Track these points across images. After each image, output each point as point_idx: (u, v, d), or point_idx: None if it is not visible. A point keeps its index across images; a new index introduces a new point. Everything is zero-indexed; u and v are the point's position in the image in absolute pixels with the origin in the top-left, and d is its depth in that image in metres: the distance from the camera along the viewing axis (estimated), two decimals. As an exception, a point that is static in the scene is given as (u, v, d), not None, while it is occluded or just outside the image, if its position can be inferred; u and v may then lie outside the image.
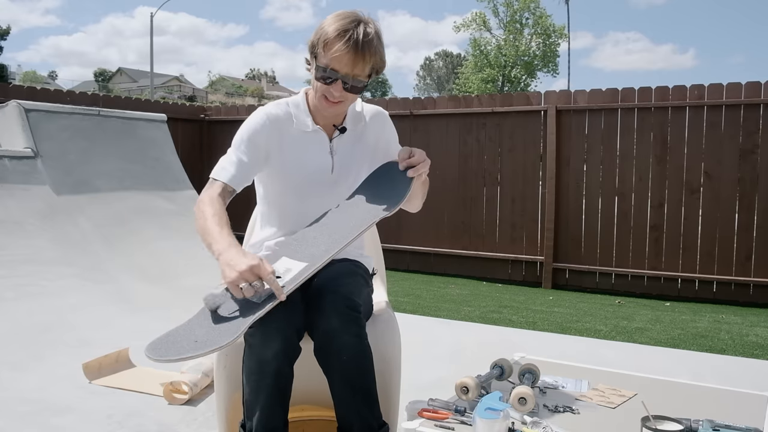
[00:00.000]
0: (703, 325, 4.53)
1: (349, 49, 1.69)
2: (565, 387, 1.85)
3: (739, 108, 5.40)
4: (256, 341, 1.59)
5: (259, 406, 1.61)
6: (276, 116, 1.86)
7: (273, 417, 1.63)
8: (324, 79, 1.74)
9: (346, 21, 1.72)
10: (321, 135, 1.87)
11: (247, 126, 1.85)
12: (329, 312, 1.63)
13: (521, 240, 6.36)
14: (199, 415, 2.43)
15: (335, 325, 1.61)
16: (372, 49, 1.72)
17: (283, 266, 1.65)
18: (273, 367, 1.59)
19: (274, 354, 1.58)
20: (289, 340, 1.60)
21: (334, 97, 1.75)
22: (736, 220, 5.44)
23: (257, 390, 1.61)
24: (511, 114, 6.37)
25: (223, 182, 1.77)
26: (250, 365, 1.61)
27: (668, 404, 1.68)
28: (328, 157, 1.88)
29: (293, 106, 1.89)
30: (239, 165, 1.79)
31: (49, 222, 4.13)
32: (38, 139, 4.46)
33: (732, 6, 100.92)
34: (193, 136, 8.09)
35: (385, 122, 2.01)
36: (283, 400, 1.64)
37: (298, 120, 1.87)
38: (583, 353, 3.47)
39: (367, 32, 1.72)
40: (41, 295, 3.57)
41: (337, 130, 1.88)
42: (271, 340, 1.58)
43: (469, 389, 1.69)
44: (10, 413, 2.39)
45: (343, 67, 1.71)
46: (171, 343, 1.54)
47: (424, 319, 4.39)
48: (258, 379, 1.60)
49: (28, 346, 3.11)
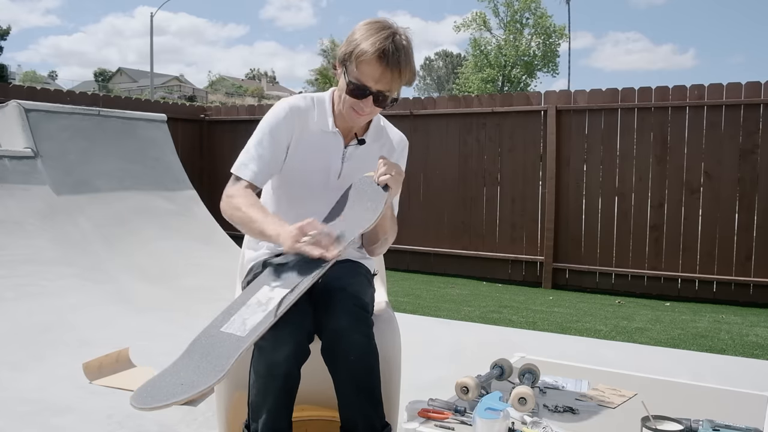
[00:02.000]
0: (703, 325, 4.53)
1: (385, 67, 1.66)
2: (565, 387, 1.85)
3: (739, 108, 5.40)
4: (267, 345, 1.58)
5: (267, 408, 1.60)
6: (298, 108, 1.85)
7: (279, 419, 1.62)
8: (355, 94, 1.72)
9: (382, 36, 1.68)
10: (338, 139, 1.86)
11: (269, 119, 1.84)
12: (339, 311, 1.62)
13: (521, 240, 6.36)
14: (199, 415, 2.43)
15: (345, 324, 1.61)
16: (407, 66, 1.70)
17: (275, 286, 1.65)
18: (283, 370, 1.58)
19: (284, 357, 1.57)
20: (300, 344, 1.60)
21: (364, 111, 1.74)
22: (736, 220, 5.44)
23: (265, 392, 1.60)
24: (511, 114, 6.37)
25: (247, 180, 1.77)
26: (259, 368, 1.60)
27: (668, 404, 1.68)
28: (338, 161, 1.87)
29: (318, 103, 1.87)
30: (261, 161, 1.79)
31: (49, 222, 4.13)
32: (38, 139, 4.46)
33: (732, 6, 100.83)
34: (193, 136, 8.09)
35: (406, 152, 2.01)
36: (290, 401, 1.63)
37: (320, 118, 1.85)
38: (583, 353, 3.47)
39: (402, 46, 1.69)
40: (41, 295, 3.57)
41: (356, 138, 1.87)
42: (283, 344, 1.57)
43: (469, 389, 1.69)
44: (10, 413, 2.39)
45: (377, 84, 1.69)
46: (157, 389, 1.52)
47: (424, 319, 4.39)
48: (266, 381, 1.59)
49: (28, 346, 3.11)
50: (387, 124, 1.98)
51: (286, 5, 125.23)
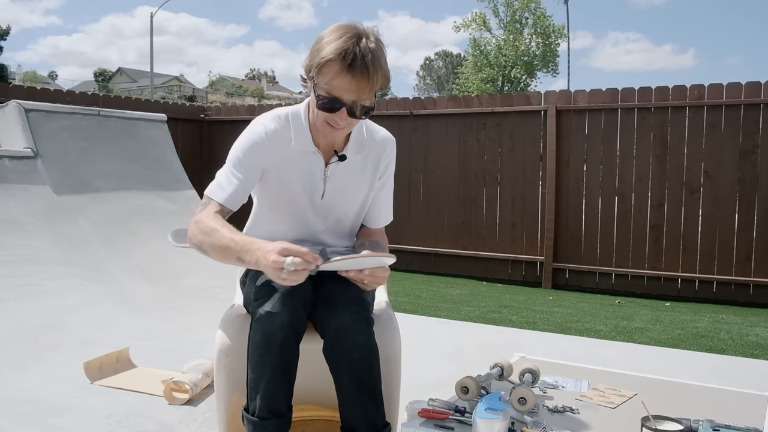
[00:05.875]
0: (703, 325, 4.53)
1: (354, 75, 1.53)
2: (565, 387, 1.85)
3: (739, 108, 5.41)
4: (262, 313, 1.58)
5: (264, 382, 1.58)
6: (274, 132, 1.74)
7: (277, 397, 1.61)
8: (327, 108, 1.60)
9: (345, 38, 1.54)
10: (317, 158, 1.75)
11: (243, 141, 1.75)
12: (341, 310, 1.62)
13: (521, 240, 6.36)
14: (199, 415, 2.43)
15: (347, 323, 1.61)
16: (377, 70, 1.56)
17: None
18: (279, 339, 1.57)
19: (280, 324, 1.56)
20: (296, 313, 1.59)
21: (339, 125, 1.62)
22: (736, 220, 5.44)
23: (262, 365, 1.58)
24: (511, 114, 6.37)
25: (218, 203, 1.70)
26: (256, 339, 1.59)
27: (668, 404, 1.68)
28: (320, 183, 1.78)
29: (293, 120, 1.75)
30: (234, 184, 1.71)
31: (49, 222, 4.13)
32: (38, 139, 4.46)
33: (732, 6, 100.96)
34: (193, 136, 8.09)
35: (394, 153, 1.90)
36: (287, 378, 1.62)
37: (297, 138, 1.74)
38: (583, 353, 3.47)
39: (370, 49, 1.55)
40: (41, 295, 3.57)
41: (336, 156, 1.76)
42: (279, 311, 1.57)
43: (469, 389, 1.69)
44: (10, 413, 2.39)
45: (349, 95, 1.56)
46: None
47: (424, 319, 4.39)
48: (263, 352, 1.58)
49: (28, 346, 3.11)
50: (369, 129, 1.84)
51: (287, 5, 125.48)
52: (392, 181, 1.95)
